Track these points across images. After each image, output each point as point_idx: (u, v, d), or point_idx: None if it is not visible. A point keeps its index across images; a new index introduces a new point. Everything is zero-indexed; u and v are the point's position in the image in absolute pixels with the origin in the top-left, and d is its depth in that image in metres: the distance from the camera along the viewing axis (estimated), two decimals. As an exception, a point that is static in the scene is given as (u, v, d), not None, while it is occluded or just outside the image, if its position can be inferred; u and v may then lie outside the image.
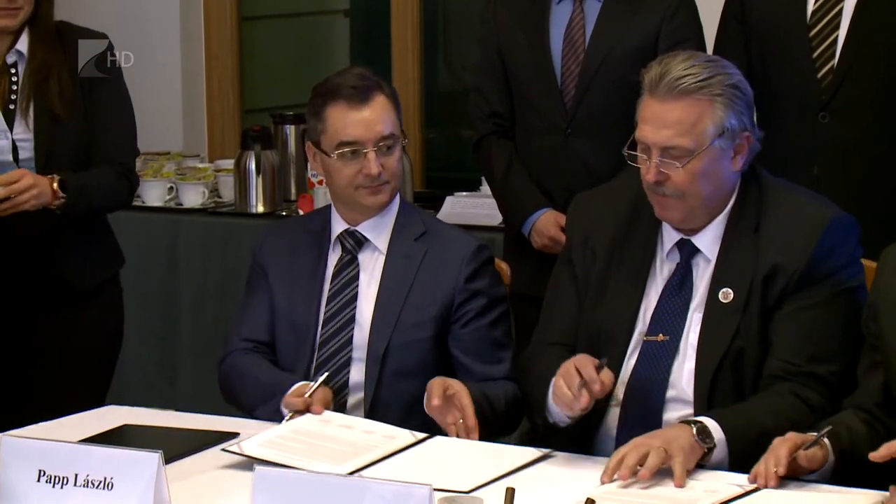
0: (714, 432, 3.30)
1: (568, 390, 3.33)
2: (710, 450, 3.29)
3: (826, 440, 3.16)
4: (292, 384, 3.64)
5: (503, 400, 3.68)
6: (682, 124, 3.42)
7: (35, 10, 4.14)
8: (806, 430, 3.22)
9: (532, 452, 3.35)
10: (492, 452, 3.37)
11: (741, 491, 3.09)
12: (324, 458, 3.26)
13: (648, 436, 3.31)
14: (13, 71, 4.15)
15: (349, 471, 3.17)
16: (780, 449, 3.11)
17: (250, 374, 3.81)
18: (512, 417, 3.73)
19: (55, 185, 4.07)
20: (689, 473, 3.16)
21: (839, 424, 3.25)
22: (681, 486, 3.19)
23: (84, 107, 4.20)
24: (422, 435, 3.44)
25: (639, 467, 3.17)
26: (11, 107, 4.12)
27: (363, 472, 3.19)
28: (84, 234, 4.31)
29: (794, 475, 3.14)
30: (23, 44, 4.16)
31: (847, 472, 3.19)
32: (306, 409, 3.53)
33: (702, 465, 3.29)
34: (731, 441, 3.31)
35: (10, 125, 4.12)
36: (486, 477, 3.18)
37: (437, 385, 3.49)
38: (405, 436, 3.43)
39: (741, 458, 3.28)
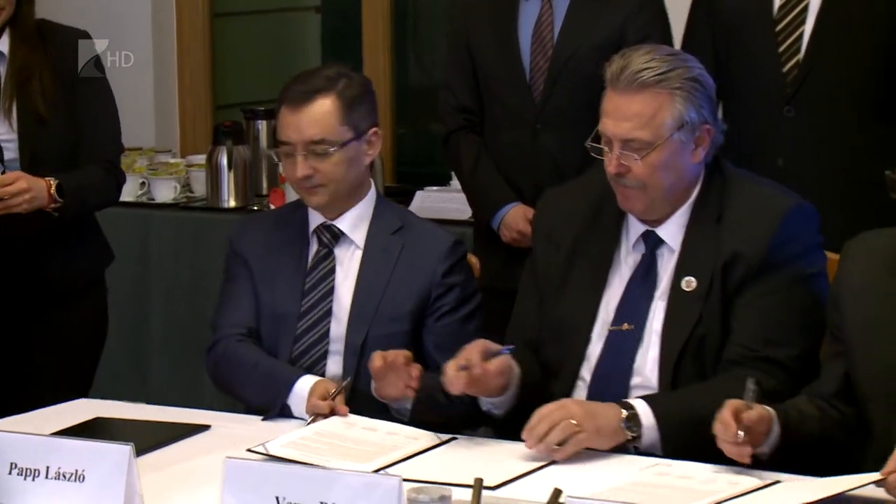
0: (644, 419, 3.35)
1: (450, 371, 3.39)
2: (636, 437, 3.36)
3: (773, 412, 3.20)
4: (294, 377, 3.64)
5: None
6: (641, 117, 3.44)
7: (16, 10, 4.10)
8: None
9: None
10: (514, 451, 3.35)
11: (761, 483, 3.10)
12: (348, 457, 3.26)
13: (578, 404, 3.41)
14: None
15: (373, 469, 3.16)
16: (724, 412, 3.13)
17: (247, 364, 3.80)
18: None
19: (52, 189, 4.05)
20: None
21: (790, 406, 3.29)
22: (544, 451, 3.30)
23: (67, 106, 4.17)
24: (446, 436, 3.44)
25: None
26: None
27: (388, 471, 3.17)
28: (76, 234, 4.30)
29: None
30: (3, 44, 4.13)
31: (790, 451, 3.22)
32: (331, 412, 3.53)
33: (636, 447, 3.36)
34: (664, 426, 3.36)
35: None
36: (510, 474, 3.18)
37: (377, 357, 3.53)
38: (429, 437, 3.43)
39: (677, 443, 3.35)
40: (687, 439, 3.33)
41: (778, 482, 3.09)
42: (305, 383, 3.63)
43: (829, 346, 3.43)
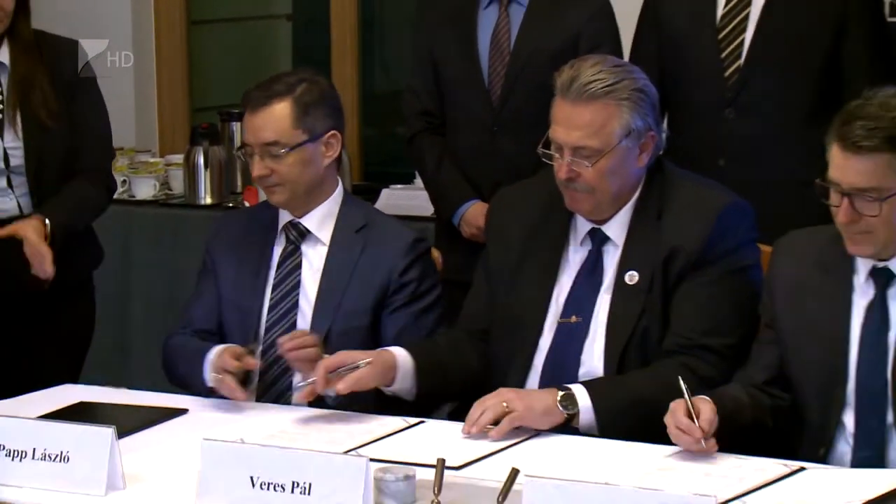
0: (580, 399, 3.36)
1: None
2: (572, 416, 3.36)
3: (710, 400, 3.20)
4: (208, 347, 3.67)
5: None
6: (591, 126, 3.44)
7: (13, 21, 4.03)
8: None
9: (519, 433, 3.33)
10: (480, 434, 3.32)
11: (787, 471, 3.06)
12: (324, 442, 3.23)
13: (514, 391, 3.42)
14: None
15: (344, 450, 3.14)
16: (680, 417, 3.15)
17: (179, 347, 3.83)
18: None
19: (47, 231, 4.00)
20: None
21: (724, 395, 3.30)
22: (478, 431, 3.31)
23: (67, 113, 4.11)
24: (414, 420, 3.43)
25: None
26: (0, 116, 4.00)
27: (359, 451, 3.14)
28: (74, 239, 4.21)
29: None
30: (3, 55, 4.06)
31: (726, 438, 3.20)
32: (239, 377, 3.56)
33: (575, 428, 3.37)
34: (599, 408, 3.37)
35: (0, 134, 4.01)
36: (473, 455, 3.18)
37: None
38: (397, 421, 3.42)
39: (614, 425, 3.35)
40: (623, 420, 3.36)
41: (803, 469, 3.07)
42: (216, 349, 3.66)
43: (763, 334, 3.46)
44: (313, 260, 3.82)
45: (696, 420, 3.11)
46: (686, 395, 3.14)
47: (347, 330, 3.73)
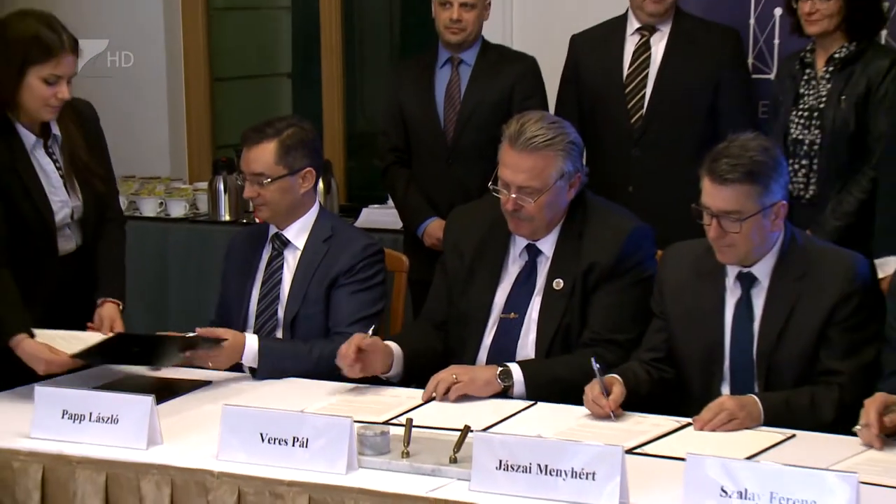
0: (515, 375, 3.40)
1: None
2: (508, 387, 3.39)
3: (620, 379, 3.24)
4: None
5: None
6: (534, 171, 3.44)
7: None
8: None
9: (515, 405, 3.34)
10: (490, 405, 3.34)
11: (678, 425, 3.11)
12: (368, 412, 3.21)
13: (462, 367, 3.45)
14: (52, 149, 3.67)
15: (384, 419, 3.15)
16: (597, 394, 3.19)
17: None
18: None
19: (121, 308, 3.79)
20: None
21: (628, 371, 3.34)
22: (429, 398, 3.34)
23: (103, 170, 3.84)
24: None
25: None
26: (66, 181, 3.69)
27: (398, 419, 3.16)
28: None
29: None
30: (55, 127, 3.66)
31: (630, 405, 3.25)
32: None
33: (509, 396, 3.39)
34: (528, 383, 3.40)
35: (69, 196, 3.70)
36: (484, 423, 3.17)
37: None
38: (408, 392, 3.44)
39: (539, 396, 3.38)
40: (546, 392, 3.37)
41: (689, 424, 3.10)
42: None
43: (654, 324, 3.49)
44: (290, 262, 3.79)
45: (606, 396, 3.16)
46: (599, 377, 3.17)
47: (309, 314, 3.73)
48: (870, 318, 3.25)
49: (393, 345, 3.53)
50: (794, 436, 3.01)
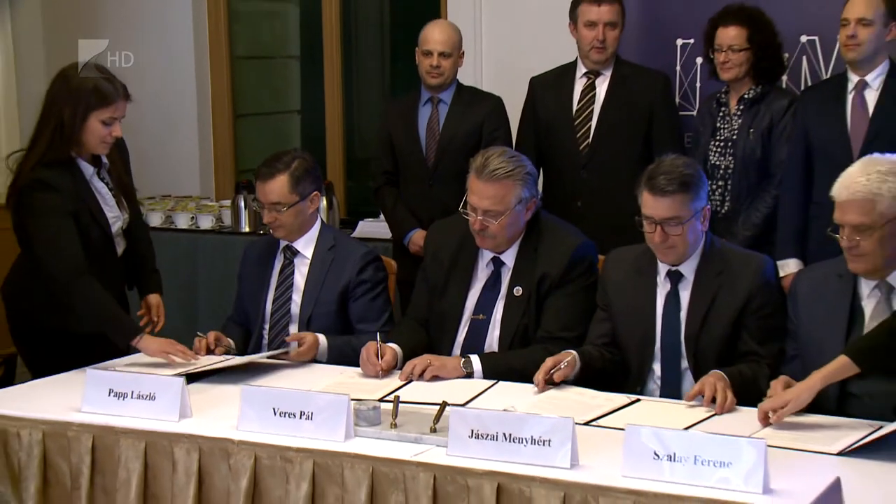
0: (475, 364, 3.39)
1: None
2: (470, 373, 3.38)
3: (576, 354, 3.26)
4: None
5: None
6: (496, 197, 3.43)
7: None
8: (547, 370, 3.25)
9: (482, 384, 3.33)
10: (462, 385, 3.32)
11: (629, 401, 3.09)
12: (363, 391, 3.19)
13: (434, 356, 3.43)
14: (105, 178, 3.70)
15: (377, 397, 3.10)
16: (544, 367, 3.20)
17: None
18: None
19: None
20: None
21: (585, 350, 3.35)
22: (407, 378, 3.32)
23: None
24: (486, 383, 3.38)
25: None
26: (117, 200, 3.73)
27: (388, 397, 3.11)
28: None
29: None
30: (105, 158, 3.70)
31: (587, 381, 3.26)
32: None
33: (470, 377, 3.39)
34: (485, 371, 3.39)
35: (120, 213, 3.75)
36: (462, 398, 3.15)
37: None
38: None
39: (495, 378, 3.36)
40: (500, 377, 3.36)
41: (639, 400, 3.10)
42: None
43: (598, 315, 3.47)
44: (301, 269, 3.77)
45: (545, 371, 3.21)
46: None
47: (321, 313, 3.71)
48: (777, 308, 3.26)
49: (396, 347, 3.49)
50: (712, 415, 2.97)
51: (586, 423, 2.89)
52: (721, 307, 3.23)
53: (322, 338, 3.64)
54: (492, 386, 3.30)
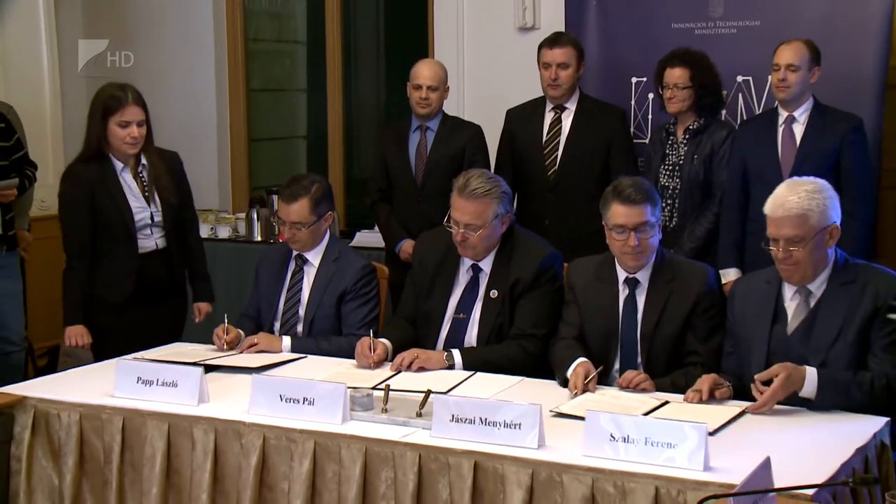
0: (455, 358, 3.37)
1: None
2: (451, 366, 3.35)
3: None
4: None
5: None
6: (476, 213, 3.41)
7: (146, 140, 3.86)
8: (518, 365, 3.26)
9: (462, 374, 3.28)
10: (443, 377, 3.27)
11: (659, 402, 2.91)
12: (358, 381, 3.13)
13: (420, 350, 3.40)
14: (141, 174, 3.88)
15: (370, 386, 3.05)
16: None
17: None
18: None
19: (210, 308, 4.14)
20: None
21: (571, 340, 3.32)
22: (397, 369, 3.29)
23: (178, 194, 3.98)
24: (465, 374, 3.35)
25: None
26: (146, 195, 3.88)
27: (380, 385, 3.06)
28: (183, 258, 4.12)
29: None
30: (144, 159, 3.89)
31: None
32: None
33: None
34: (465, 363, 3.36)
35: (149, 205, 3.89)
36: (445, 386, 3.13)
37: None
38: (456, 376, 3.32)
39: (474, 371, 3.33)
40: (478, 369, 3.34)
41: (668, 402, 2.91)
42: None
43: (567, 315, 3.43)
44: (309, 276, 3.73)
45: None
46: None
47: (322, 316, 3.67)
48: (718, 312, 3.23)
49: (387, 342, 3.46)
50: (667, 402, 2.94)
51: (561, 415, 2.81)
52: (672, 310, 3.22)
53: (286, 339, 3.60)
54: (470, 376, 3.29)
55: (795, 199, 2.88)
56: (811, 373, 2.81)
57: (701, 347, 3.21)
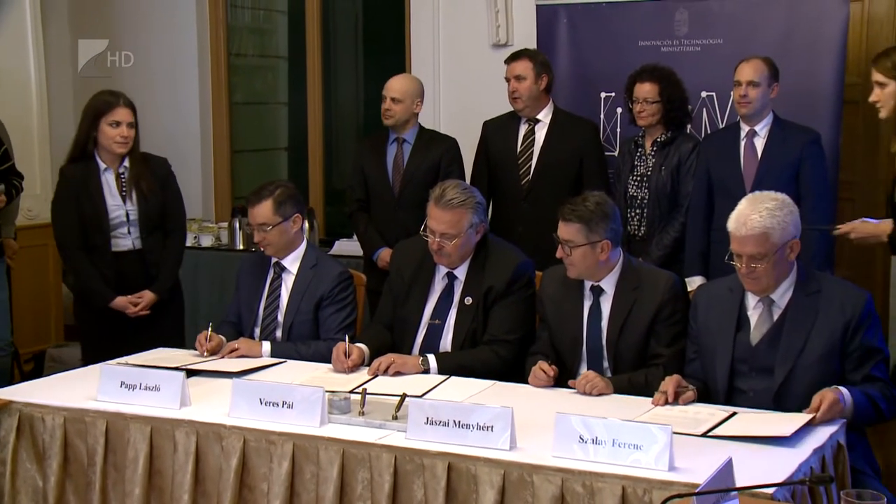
0: (431, 363, 3.37)
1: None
2: (426, 370, 3.35)
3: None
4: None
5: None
6: (451, 222, 3.42)
7: (133, 143, 4.01)
8: (491, 370, 3.26)
9: (436, 378, 3.27)
10: (418, 381, 3.25)
11: (726, 414, 2.79)
12: (336, 385, 3.11)
13: (396, 354, 3.40)
14: (122, 174, 4.02)
15: (348, 389, 3.00)
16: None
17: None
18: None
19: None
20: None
21: (536, 357, 3.31)
22: (374, 373, 3.29)
23: (161, 195, 4.08)
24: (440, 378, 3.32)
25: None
26: (123, 194, 4.01)
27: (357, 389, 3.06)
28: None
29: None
30: (127, 162, 4.03)
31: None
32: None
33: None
34: (439, 368, 3.36)
35: (124, 203, 4.02)
36: (420, 390, 3.10)
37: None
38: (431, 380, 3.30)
39: (448, 375, 3.33)
40: (452, 373, 3.33)
41: (735, 413, 2.80)
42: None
43: (539, 325, 3.45)
44: (287, 283, 3.72)
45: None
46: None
47: (301, 321, 3.66)
48: (682, 318, 3.25)
49: (364, 347, 3.46)
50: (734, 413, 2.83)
51: (703, 435, 2.65)
52: (636, 316, 3.22)
53: (266, 344, 3.59)
54: (445, 380, 3.29)
55: (757, 217, 2.87)
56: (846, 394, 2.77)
57: (665, 350, 3.22)
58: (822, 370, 2.87)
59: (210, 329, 3.59)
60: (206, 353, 3.55)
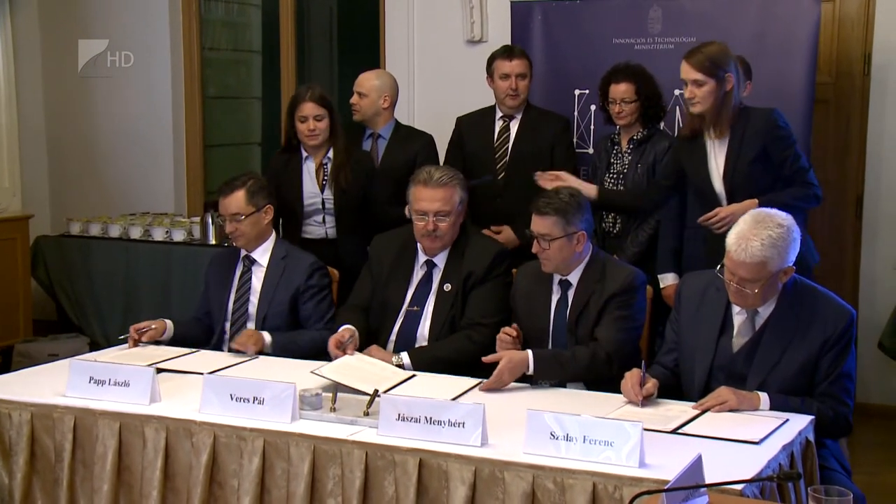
0: (404, 359, 3.37)
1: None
2: (400, 365, 3.34)
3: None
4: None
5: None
6: (445, 199, 3.48)
7: (332, 133, 4.14)
8: (469, 357, 3.27)
9: (402, 375, 3.22)
10: (449, 382, 3.20)
11: (695, 413, 2.79)
12: (366, 382, 3.05)
13: (375, 348, 3.41)
14: (325, 164, 4.16)
15: (383, 390, 2.93)
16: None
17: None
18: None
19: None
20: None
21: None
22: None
23: (360, 186, 4.19)
24: (410, 373, 3.27)
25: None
26: (324, 183, 4.14)
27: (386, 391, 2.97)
28: None
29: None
30: (331, 153, 4.17)
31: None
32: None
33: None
34: (413, 364, 3.36)
35: (321, 192, 4.16)
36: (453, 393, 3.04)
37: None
38: (402, 373, 3.26)
39: (423, 370, 3.32)
40: (428, 368, 3.33)
41: (706, 411, 2.79)
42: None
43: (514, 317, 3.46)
44: (258, 275, 3.73)
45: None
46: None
47: (274, 313, 3.66)
48: (634, 310, 3.28)
49: (351, 327, 3.45)
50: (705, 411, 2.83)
51: (672, 431, 2.66)
52: (593, 305, 3.27)
53: (266, 335, 3.58)
54: (412, 377, 3.26)
55: (758, 245, 2.77)
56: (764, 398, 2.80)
57: (605, 335, 3.23)
58: (795, 385, 2.85)
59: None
60: (135, 344, 3.55)
